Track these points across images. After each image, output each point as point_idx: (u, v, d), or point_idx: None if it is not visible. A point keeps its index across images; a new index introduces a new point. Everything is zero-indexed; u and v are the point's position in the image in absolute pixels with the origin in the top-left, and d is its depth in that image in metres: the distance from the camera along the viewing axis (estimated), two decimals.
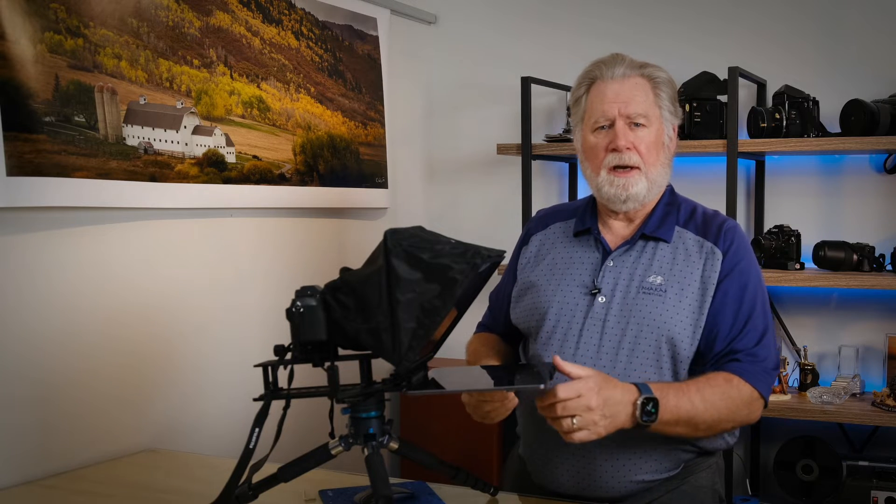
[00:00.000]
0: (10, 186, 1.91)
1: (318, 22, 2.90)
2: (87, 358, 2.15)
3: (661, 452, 1.76)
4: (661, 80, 1.83)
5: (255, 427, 1.49)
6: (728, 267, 1.77)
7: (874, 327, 2.92)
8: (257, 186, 2.60)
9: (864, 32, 2.94)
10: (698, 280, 1.77)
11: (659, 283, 1.76)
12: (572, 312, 1.80)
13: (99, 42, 2.15)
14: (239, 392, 2.47)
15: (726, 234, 1.80)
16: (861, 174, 2.96)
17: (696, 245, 1.80)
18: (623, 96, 1.79)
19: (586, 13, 3.30)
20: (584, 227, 1.88)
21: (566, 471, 1.78)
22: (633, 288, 1.77)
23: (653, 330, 1.74)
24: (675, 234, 1.82)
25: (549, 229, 1.95)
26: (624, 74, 1.81)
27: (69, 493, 1.93)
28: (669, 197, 1.87)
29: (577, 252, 1.87)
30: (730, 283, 1.76)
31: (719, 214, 1.87)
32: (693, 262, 1.78)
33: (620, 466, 1.74)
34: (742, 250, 1.80)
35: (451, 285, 1.41)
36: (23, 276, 2.01)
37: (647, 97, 1.80)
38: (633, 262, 1.80)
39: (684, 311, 1.75)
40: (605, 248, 1.84)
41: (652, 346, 1.74)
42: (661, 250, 1.80)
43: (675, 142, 1.86)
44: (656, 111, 1.81)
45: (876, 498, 2.69)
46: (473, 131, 3.46)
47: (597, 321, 1.77)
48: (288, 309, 1.49)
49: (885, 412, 2.65)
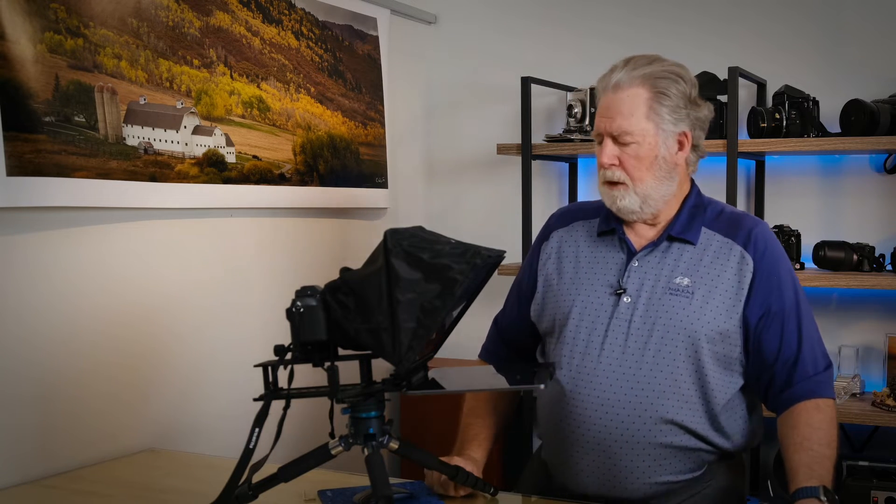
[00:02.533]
0: (10, 186, 1.91)
1: (318, 22, 2.90)
2: (87, 358, 2.15)
3: (684, 453, 1.75)
4: (664, 87, 1.74)
5: (256, 427, 1.49)
6: (763, 278, 1.75)
7: (874, 327, 2.92)
8: (257, 186, 2.60)
9: (864, 33, 2.94)
10: (728, 282, 1.75)
11: (686, 285, 1.75)
12: (597, 312, 1.78)
13: (99, 42, 2.15)
14: (239, 392, 2.47)
15: (757, 241, 1.77)
16: (861, 174, 2.96)
17: (725, 247, 1.78)
18: (611, 111, 1.75)
19: (586, 13, 3.30)
20: (609, 228, 1.85)
21: (590, 472, 1.76)
22: (658, 289, 1.76)
23: (679, 331, 1.72)
24: (703, 236, 1.79)
25: (572, 227, 1.92)
26: (619, 84, 1.74)
27: (69, 493, 1.93)
28: (696, 199, 1.84)
29: (602, 252, 1.85)
30: (770, 297, 1.74)
31: (748, 216, 1.84)
32: (721, 264, 1.76)
33: (645, 467, 1.73)
34: (775, 256, 1.77)
35: (451, 285, 1.41)
36: (23, 276, 2.01)
37: (639, 111, 1.73)
38: (659, 262, 1.78)
39: (711, 312, 1.73)
40: (630, 249, 1.81)
41: (678, 347, 1.72)
42: (687, 252, 1.78)
43: (685, 149, 1.79)
44: (648, 125, 1.73)
45: (876, 498, 2.69)
46: (473, 131, 3.46)
47: (622, 322, 1.76)
48: (288, 309, 1.49)
49: (885, 412, 2.65)
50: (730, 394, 1.76)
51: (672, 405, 1.72)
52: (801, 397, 1.72)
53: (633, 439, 1.71)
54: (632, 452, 1.73)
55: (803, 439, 1.68)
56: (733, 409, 1.78)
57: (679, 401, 1.72)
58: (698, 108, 1.79)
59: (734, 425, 1.78)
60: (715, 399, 1.74)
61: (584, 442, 1.75)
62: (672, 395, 1.72)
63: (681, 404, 1.72)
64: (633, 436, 1.72)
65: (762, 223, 1.82)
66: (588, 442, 1.75)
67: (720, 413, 1.75)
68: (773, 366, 1.74)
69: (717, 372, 1.74)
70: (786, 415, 1.73)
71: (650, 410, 1.72)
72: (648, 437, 1.71)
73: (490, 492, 1.74)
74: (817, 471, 1.63)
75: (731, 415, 1.78)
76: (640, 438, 1.71)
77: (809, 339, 1.75)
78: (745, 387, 1.80)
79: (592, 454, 1.75)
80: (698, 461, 1.77)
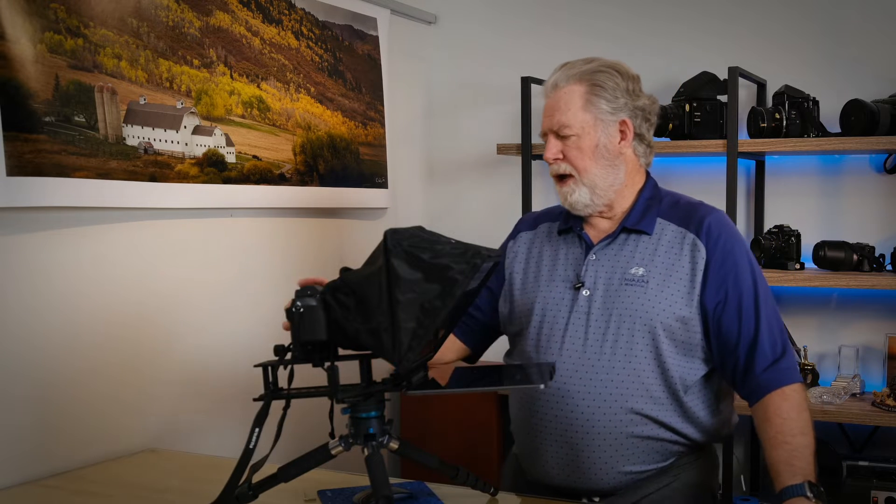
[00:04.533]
0: (10, 186, 1.91)
1: (318, 22, 2.90)
2: (87, 358, 2.15)
3: (648, 443, 1.77)
4: (600, 80, 1.81)
5: (256, 427, 1.49)
6: (717, 265, 1.77)
7: (874, 327, 2.92)
8: (257, 186, 2.60)
9: (864, 33, 2.94)
10: (682, 269, 1.78)
11: (641, 275, 1.78)
12: (557, 307, 1.83)
13: (99, 42, 2.15)
14: (239, 392, 2.47)
15: (710, 228, 1.80)
16: (861, 174, 2.96)
17: (679, 235, 1.81)
18: (551, 109, 1.85)
19: (586, 13, 3.30)
20: (567, 226, 1.91)
21: (555, 462, 1.80)
22: (615, 280, 1.80)
23: (636, 320, 1.76)
24: (657, 226, 1.83)
25: (539, 229, 1.99)
26: (556, 84, 1.84)
27: (69, 493, 1.93)
28: (651, 191, 1.88)
29: (563, 249, 1.90)
30: (726, 283, 1.77)
31: (702, 205, 1.87)
32: (675, 253, 1.80)
33: (608, 457, 1.76)
34: (730, 243, 1.79)
35: (451, 285, 1.41)
36: (23, 276, 2.01)
37: (575, 105, 1.81)
38: (616, 254, 1.82)
39: (667, 300, 1.76)
40: (587, 243, 1.86)
41: (636, 335, 1.76)
42: (642, 242, 1.82)
43: (628, 138, 1.83)
44: (586, 116, 1.80)
45: (876, 498, 2.69)
46: (473, 131, 3.46)
47: (581, 314, 1.80)
48: (288, 309, 1.49)
49: (885, 412, 2.65)
50: (692, 380, 1.78)
51: (633, 394, 1.75)
52: (767, 388, 1.74)
53: (595, 430, 1.74)
54: (594, 443, 1.75)
55: (777, 433, 1.69)
56: (698, 396, 1.80)
57: (640, 389, 1.75)
58: (637, 98, 1.84)
59: (701, 413, 1.80)
60: (677, 386, 1.76)
61: (548, 434, 1.79)
62: (633, 383, 1.75)
63: (641, 392, 1.75)
64: (594, 426, 1.75)
65: (717, 211, 1.85)
66: (552, 434, 1.78)
67: (684, 400, 1.77)
68: (736, 349, 1.76)
69: (678, 359, 1.77)
70: (757, 408, 1.75)
71: (610, 400, 1.74)
72: (610, 427, 1.74)
73: (490, 492, 1.74)
74: (798, 465, 1.65)
75: (696, 402, 1.79)
76: (602, 429, 1.74)
77: (768, 323, 1.77)
78: (713, 374, 1.83)
79: (557, 445, 1.78)
80: (664, 452, 1.79)
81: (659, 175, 1.97)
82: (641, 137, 1.86)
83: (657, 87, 3.14)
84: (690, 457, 1.83)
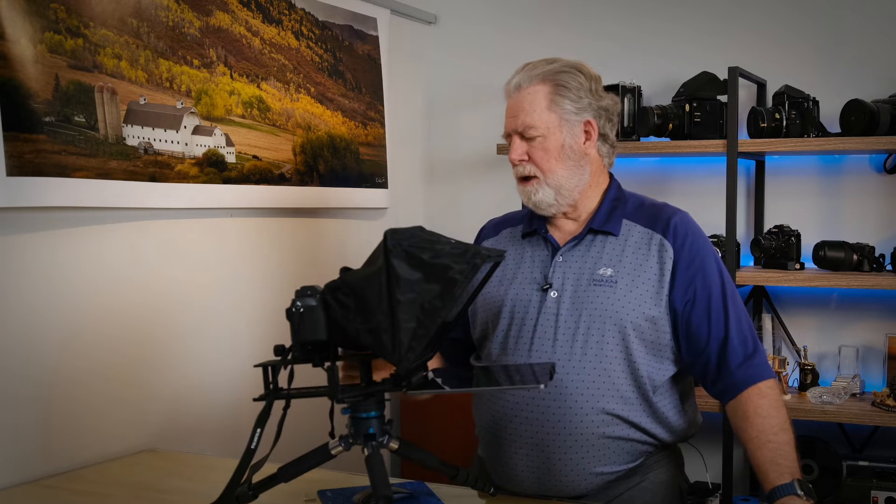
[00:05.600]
0: (10, 186, 1.91)
1: (318, 22, 2.90)
2: (87, 358, 2.15)
3: (618, 443, 1.77)
4: (564, 80, 1.81)
5: (257, 427, 1.49)
6: (685, 265, 1.78)
7: (874, 327, 2.92)
8: (257, 186, 2.60)
9: (863, 33, 2.94)
10: (650, 270, 1.78)
11: (609, 275, 1.78)
12: (525, 309, 1.82)
13: (99, 42, 2.15)
14: (239, 392, 2.47)
15: (676, 229, 1.81)
16: (861, 174, 2.96)
17: (646, 236, 1.81)
18: (514, 110, 1.83)
19: (586, 13, 3.30)
20: (531, 229, 1.90)
21: (524, 467, 1.78)
22: (583, 281, 1.79)
23: (605, 320, 1.75)
24: (623, 227, 1.83)
25: (501, 234, 1.98)
26: (519, 85, 1.83)
27: (69, 493, 1.93)
28: (616, 192, 1.89)
29: (527, 251, 1.89)
30: (694, 282, 1.77)
31: (667, 206, 1.88)
32: (643, 254, 1.80)
33: (579, 459, 1.75)
34: (697, 243, 1.80)
35: (451, 285, 1.41)
36: (23, 276, 2.01)
37: (540, 105, 1.80)
38: (583, 256, 1.82)
39: (636, 300, 1.76)
40: (553, 246, 1.86)
41: (606, 336, 1.75)
42: (609, 243, 1.82)
43: (592, 139, 1.83)
44: (551, 116, 1.80)
45: (876, 498, 2.69)
46: (473, 131, 3.46)
47: (550, 316, 1.79)
48: (288, 309, 1.49)
49: (885, 412, 2.65)
50: (660, 381, 1.79)
51: (604, 394, 1.74)
52: (742, 385, 1.74)
53: (567, 431, 1.73)
54: (565, 444, 1.74)
55: (759, 433, 1.69)
56: (665, 397, 1.80)
57: (610, 389, 1.74)
58: (601, 99, 1.84)
59: (669, 413, 1.80)
60: (646, 386, 1.76)
61: (516, 437, 1.78)
62: (603, 384, 1.74)
63: (612, 392, 1.74)
64: (565, 427, 1.74)
65: (682, 212, 1.86)
66: (521, 436, 1.77)
67: (653, 401, 1.77)
68: (707, 348, 1.76)
69: (647, 359, 1.77)
70: (733, 407, 1.75)
71: (581, 401, 1.74)
72: (582, 428, 1.73)
73: (490, 492, 1.74)
74: (784, 464, 1.65)
75: (664, 402, 1.80)
76: (574, 430, 1.73)
77: (737, 320, 1.77)
78: (679, 375, 1.83)
79: (526, 448, 1.77)
80: (634, 452, 1.79)
81: (659, 175, 1.97)
82: (605, 137, 1.86)
83: (657, 87, 3.14)
84: (658, 455, 1.83)
